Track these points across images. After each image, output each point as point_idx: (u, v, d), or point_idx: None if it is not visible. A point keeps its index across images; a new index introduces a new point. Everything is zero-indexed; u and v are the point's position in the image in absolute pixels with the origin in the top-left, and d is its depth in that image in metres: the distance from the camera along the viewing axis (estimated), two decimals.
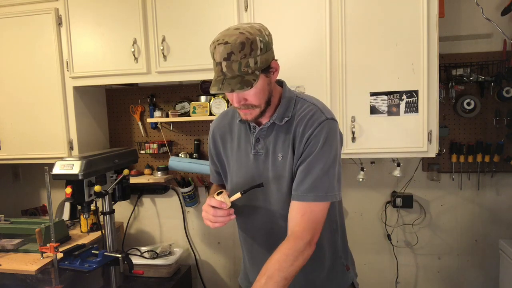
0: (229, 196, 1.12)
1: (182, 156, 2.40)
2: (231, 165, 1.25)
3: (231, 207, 1.12)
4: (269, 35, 1.08)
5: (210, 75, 2.05)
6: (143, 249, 2.40)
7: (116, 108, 2.59)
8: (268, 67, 1.08)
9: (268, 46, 1.06)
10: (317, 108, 1.14)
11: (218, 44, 1.02)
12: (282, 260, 1.02)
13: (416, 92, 1.85)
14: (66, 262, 1.87)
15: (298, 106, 1.16)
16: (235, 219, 1.26)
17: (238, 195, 1.11)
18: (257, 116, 1.12)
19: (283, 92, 1.18)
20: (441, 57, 2.05)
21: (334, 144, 1.11)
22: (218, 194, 1.11)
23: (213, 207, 1.10)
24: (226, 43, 1.01)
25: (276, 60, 1.12)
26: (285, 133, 1.15)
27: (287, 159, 1.13)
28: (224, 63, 1.01)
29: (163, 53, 2.05)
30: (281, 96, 1.17)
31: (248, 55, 1.01)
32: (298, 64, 1.92)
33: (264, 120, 1.17)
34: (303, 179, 1.09)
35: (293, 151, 1.13)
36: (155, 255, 2.33)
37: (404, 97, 1.86)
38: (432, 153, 1.87)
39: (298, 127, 1.12)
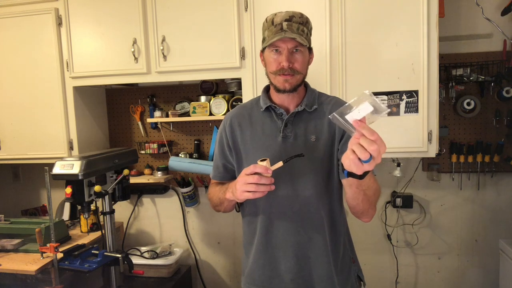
0: (271, 165, 1.10)
1: (182, 156, 2.40)
2: (250, 152, 1.27)
3: None
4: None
5: (210, 75, 2.07)
6: (143, 249, 2.40)
7: (116, 108, 2.59)
8: (310, 49, 1.25)
9: (311, 33, 1.25)
10: (340, 99, 1.34)
11: (279, 12, 1.20)
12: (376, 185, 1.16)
13: (416, 92, 1.85)
14: (66, 262, 1.87)
15: (323, 98, 1.32)
16: (256, 204, 1.27)
17: (280, 163, 1.09)
18: (295, 85, 1.22)
19: (307, 85, 1.33)
20: (441, 57, 2.05)
21: None
22: (262, 161, 1.09)
23: (257, 173, 1.07)
24: (287, 11, 1.20)
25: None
26: (316, 119, 1.26)
27: (321, 140, 1.23)
28: (285, 23, 1.16)
29: (163, 53, 2.05)
30: (306, 88, 1.31)
31: (304, 24, 1.20)
32: None
33: (292, 108, 1.27)
34: None
35: (330, 132, 1.23)
36: (155, 255, 2.33)
37: (404, 97, 1.86)
38: (432, 153, 1.87)
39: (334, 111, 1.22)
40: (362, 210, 1.19)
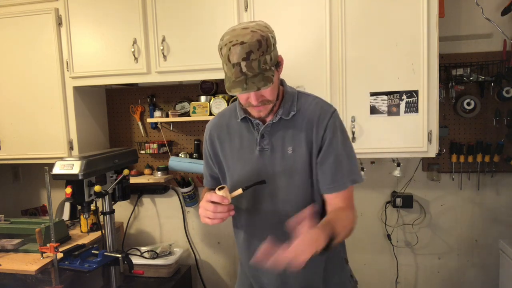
0: (230, 192, 1.10)
1: (182, 156, 2.40)
2: (230, 165, 1.24)
3: (232, 203, 1.09)
4: (274, 33, 1.11)
5: (210, 75, 2.06)
6: (143, 249, 2.40)
7: (116, 108, 2.59)
8: (278, 62, 1.11)
9: (275, 42, 1.09)
10: (322, 101, 1.22)
11: (233, 45, 1.00)
12: (345, 216, 1.12)
13: (416, 92, 1.85)
14: (66, 262, 1.87)
15: (303, 100, 1.20)
16: (238, 218, 1.25)
17: (239, 191, 1.09)
18: (269, 111, 1.14)
19: (285, 88, 1.21)
20: (441, 57, 2.05)
21: (346, 131, 1.22)
22: (219, 189, 1.08)
23: (213, 202, 1.06)
24: (242, 43, 1.00)
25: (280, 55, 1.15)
26: (294, 127, 1.17)
27: (298, 152, 1.15)
28: (243, 63, 1.00)
29: (163, 53, 2.05)
30: (283, 92, 1.20)
31: (265, 52, 1.02)
32: (298, 64, 1.92)
33: (269, 117, 1.18)
34: (336, 170, 1.14)
35: (307, 143, 1.15)
36: (155, 255, 2.33)
37: (404, 97, 1.86)
38: (432, 153, 1.87)
39: (311, 119, 1.15)
40: None
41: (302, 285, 1.23)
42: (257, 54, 1.00)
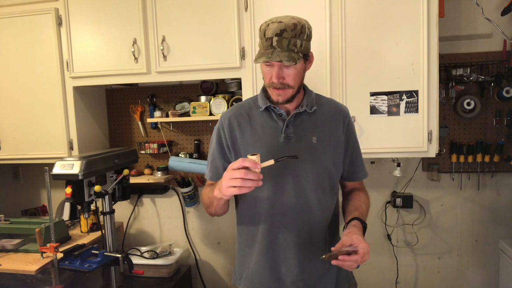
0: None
1: (182, 156, 2.40)
2: (251, 152, 1.21)
3: (253, 191, 1.05)
4: (311, 29, 1.20)
5: (210, 75, 2.07)
6: (143, 249, 2.40)
7: (116, 108, 2.59)
8: (307, 55, 1.21)
9: (310, 37, 1.19)
10: (338, 101, 1.39)
11: (272, 23, 1.14)
12: (367, 200, 1.35)
13: (416, 92, 1.85)
14: (66, 262, 1.87)
15: (322, 99, 1.33)
16: (259, 208, 1.25)
17: (271, 161, 1.05)
18: (288, 98, 1.21)
19: (305, 86, 1.31)
20: (441, 57, 2.05)
21: None
22: (251, 155, 1.03)
23: (244, 168, 1.02)
24: (280, 22, 1.13)
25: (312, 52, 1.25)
26: (317, 120, 1.27)
27: (322, 142, 1.24)
28: (275, 38, 1.12)
29: (163, 53, 2.05)
30: (304, 89, 1.30)
31: (297, 36, 1.13)
32: None
33: (292, 109, 1.26)
34: (361, 161, 1.36)
35: (331, 135, 1.26)
36: (155, 255, 2.33)
37: (404, 97, 1.86)
38: (432, 153, 1.87)
39: (336, 116, 1.29)
40: None
41: (319, 273, 1.26)
42: (289, 34, 1.12)
